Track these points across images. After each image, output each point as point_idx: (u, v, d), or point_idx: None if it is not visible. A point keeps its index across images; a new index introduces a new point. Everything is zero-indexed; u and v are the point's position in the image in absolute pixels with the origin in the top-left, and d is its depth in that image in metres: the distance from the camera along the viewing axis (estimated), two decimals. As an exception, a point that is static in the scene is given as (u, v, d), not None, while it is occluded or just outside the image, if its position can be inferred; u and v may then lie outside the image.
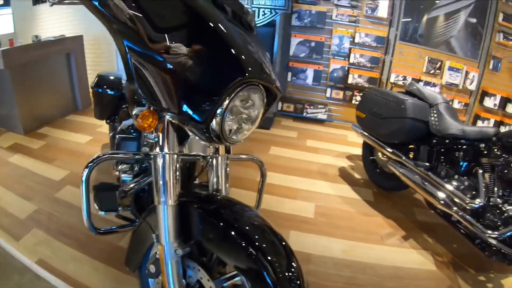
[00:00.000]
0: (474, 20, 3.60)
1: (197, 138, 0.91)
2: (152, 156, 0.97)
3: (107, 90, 2.19)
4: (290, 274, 0.86)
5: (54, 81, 3.87)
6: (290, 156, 3.28)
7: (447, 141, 2.11)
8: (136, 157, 1.17)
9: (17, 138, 3.33)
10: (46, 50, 3.63)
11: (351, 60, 3.99)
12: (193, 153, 1.18)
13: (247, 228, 0.92)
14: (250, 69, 0.82)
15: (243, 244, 0.88)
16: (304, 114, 4.28)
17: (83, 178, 1.03)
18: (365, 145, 2.89)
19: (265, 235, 0.92)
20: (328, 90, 4.21)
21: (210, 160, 1.12)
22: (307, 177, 2.91)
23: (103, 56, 4.95)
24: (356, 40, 3.90)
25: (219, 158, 1.11)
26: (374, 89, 2.76)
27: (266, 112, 0.97)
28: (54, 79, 3.86)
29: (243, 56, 0.82)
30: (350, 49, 3.96)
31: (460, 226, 1.94)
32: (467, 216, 1.82)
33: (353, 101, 4.10)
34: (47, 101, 3.75)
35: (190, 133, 0.94)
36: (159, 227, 0.97)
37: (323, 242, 2.12)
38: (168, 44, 0.81)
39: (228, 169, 1.14)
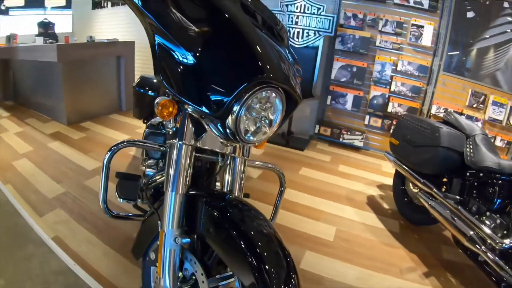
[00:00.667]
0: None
1: (213, 133, 0.93)
2: (168, 146, 1.00)
3: (148, 91, 2.31)
4: None
5: (102, 81, 4.11)
6: (320, 179, 3.22)
7: (481, 174, 1.97)
8: (161, 148, 1.21)
9: (60, 127, 3.58)
10: (98, 50, 3.89)
11: (392, 88, 3.89)
12: (208, 148, 1.19)
13: (252, 233, 0.90)
14: (270, 71, 0.84)
15: (243, 247, 0.86)
16: (341, 139, 4.20)
17: (105, 162, 1.09)
18: (397, 174, 2.77)
19: (270, 245, 0.90)
20: (367, 117, 4.12)
21: (227, 159, 1.13)
22: (333, 201, 2.83)
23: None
24: (399, 68, 3.82)
25: (237, 159, 1.11)
26: (410, 115, 2.66)
27: (287, 118, 0.98)
28: (102, 78, 4.10)
29: (263, 57, 0.84)
30: (392, 76, 3.88)
31: (487, 267, 1.78)
32: (495, 257, 1.67)
33: (391, 131, 3.98)
34: (93, 98, 3.99)
35: (206, 127, 0.96)
36: (164, 213, 0.98)
37: (338, 267, 2.02)
38: (194, 40, 0.85)
39: (244, 172, 1.14)
